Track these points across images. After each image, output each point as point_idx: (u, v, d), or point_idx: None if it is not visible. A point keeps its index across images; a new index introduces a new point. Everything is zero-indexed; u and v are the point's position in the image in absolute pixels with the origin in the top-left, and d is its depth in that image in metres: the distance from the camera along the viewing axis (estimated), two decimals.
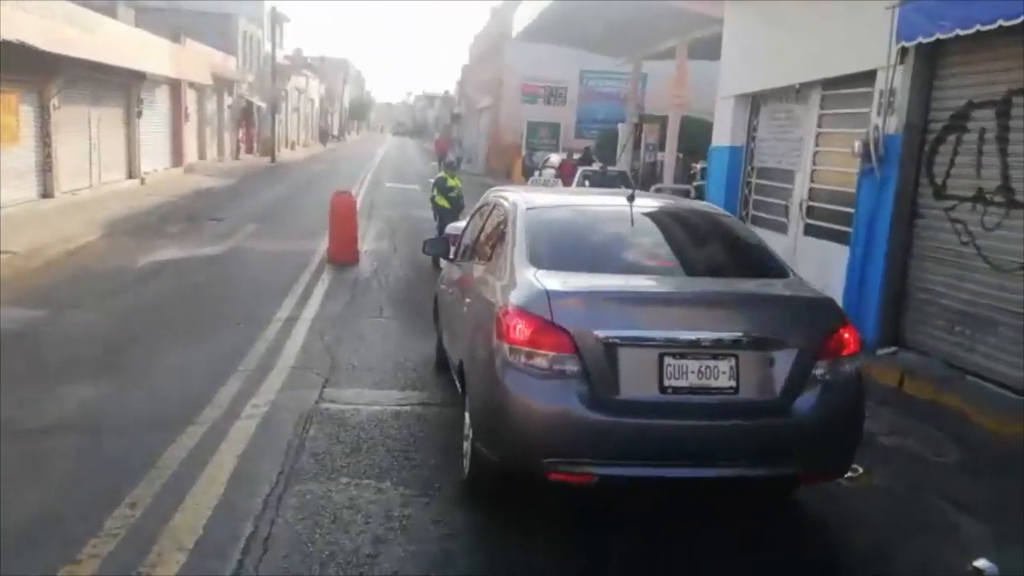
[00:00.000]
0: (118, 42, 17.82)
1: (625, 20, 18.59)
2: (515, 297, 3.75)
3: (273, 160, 33.93)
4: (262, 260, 11.72)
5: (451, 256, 6.25)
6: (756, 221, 9.78)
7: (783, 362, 3.58)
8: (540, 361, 3.52)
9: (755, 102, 9.85)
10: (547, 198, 5.41)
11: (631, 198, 4.51)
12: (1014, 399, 5.69)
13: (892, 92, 6.93)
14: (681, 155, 20.31)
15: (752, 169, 9.92)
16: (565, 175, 18.85)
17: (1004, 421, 5.41)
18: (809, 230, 8.61)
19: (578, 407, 3.46)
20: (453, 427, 4.75)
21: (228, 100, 32.56)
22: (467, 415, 4.16)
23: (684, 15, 16.71)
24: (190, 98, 25.84)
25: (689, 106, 20.03)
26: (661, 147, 21.24)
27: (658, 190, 19.69)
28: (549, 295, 3.62)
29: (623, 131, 23.59)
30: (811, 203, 8.60)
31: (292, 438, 4.76)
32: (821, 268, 7.61)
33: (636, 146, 22.34)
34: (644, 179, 20.58)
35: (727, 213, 5.52)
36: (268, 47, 36.44)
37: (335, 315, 8.43)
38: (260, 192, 21.58)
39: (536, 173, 22.06)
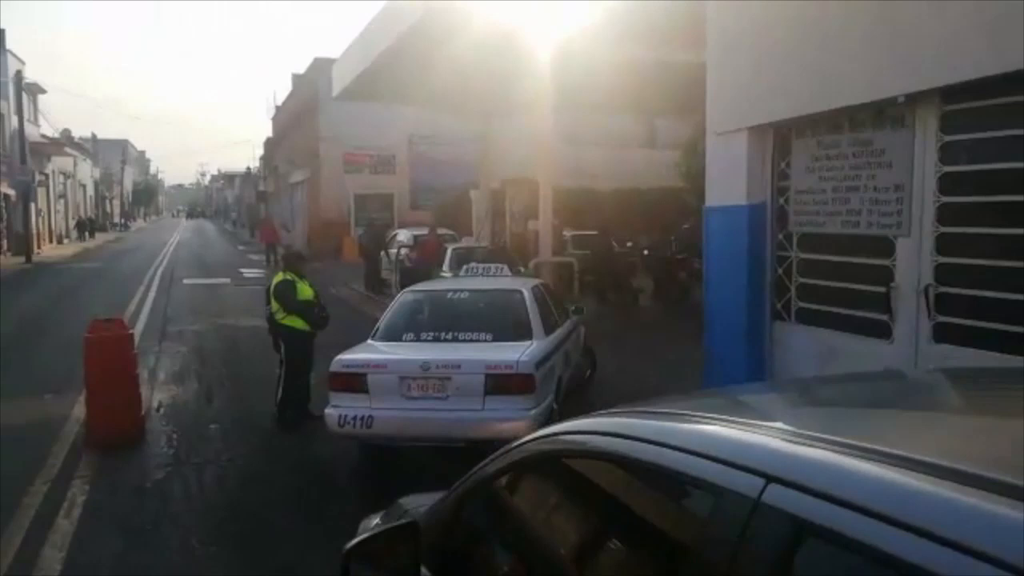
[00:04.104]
0: None
1: (474, 70, 15.28)
2: None
3: (28, 260, 26.80)
4: None
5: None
6: (809, 317, 6.27)
7: None
8: None
9: (782, 136, 6.45)
10: None
11: None
12: None
13: None
14: (557, 222, 17.17)
15: (789, 237, 6.44)
16: (428, 255, 14.75)
17: None
18: (947, 334, 5.17)
19: None
20: None
21: None
22: None
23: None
24: None
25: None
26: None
27: (536, 264, 16.29)
28: None
29: (478, 198, 20.07)
30: (945, 289, 5.17)
31: None
32: None
33: (498, 215, 18.89)
34: (506, 254, 17.08)
35: None
36: (16, 122, 29.35)
37: None
38: None
39: (383, 255, 17.74)
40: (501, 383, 5.50)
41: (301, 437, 7.00)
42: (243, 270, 24.40)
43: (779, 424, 1.58)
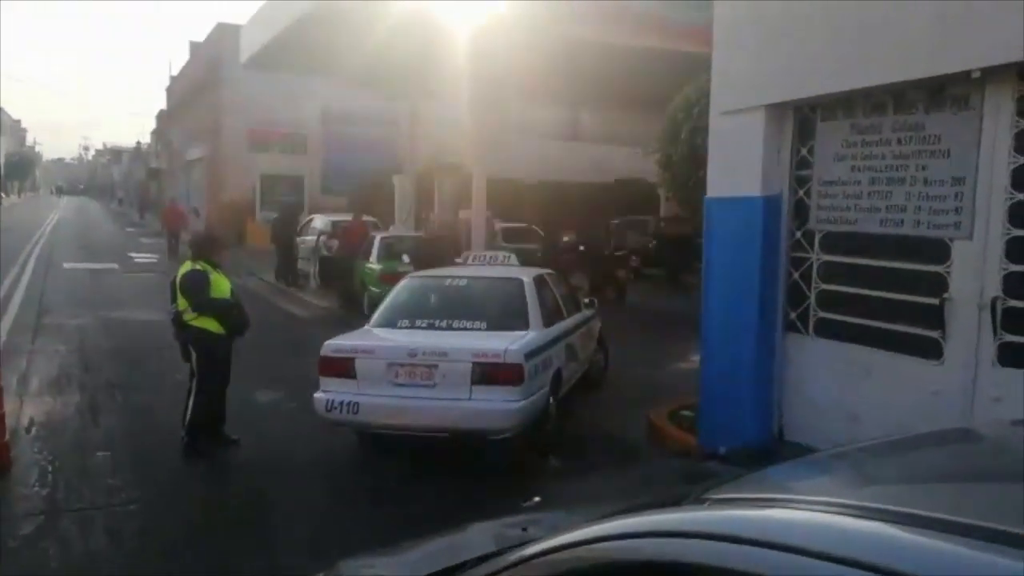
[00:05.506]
0: None
1: (404, 43, 14.02)
2: None
3: None
4: None
5: None
6: (833, 330, 5.44)
7: None
8: None
9: (804, 117, 5.57)
10: None
11: None
12: None
13: None
14: (490, 214, 16.11)
15: (809, 236, 5.58)
16: (352, 244, 13.32)
17: None
18: (1016, 357, 4.40)
19: None
20: None
21: None
22: None
23: (487, 35, 12.62)
24: None
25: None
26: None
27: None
28: None
29: (402, 184, 18.67)
30: (1016, 303, 4.40)
31: None
32: None
33: (424, 203, 17.59)
34: (446, 245, 15.88)
35: None
36: None
37: None
38: None
39: (298, 242, 16.15)
40: (488, 372, 5.37)
41: (217, 469, 5.66)
42: (133, 254, 22.09)
43: None
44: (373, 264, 12.17)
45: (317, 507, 5.08)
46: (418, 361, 5.47)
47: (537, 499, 2.72)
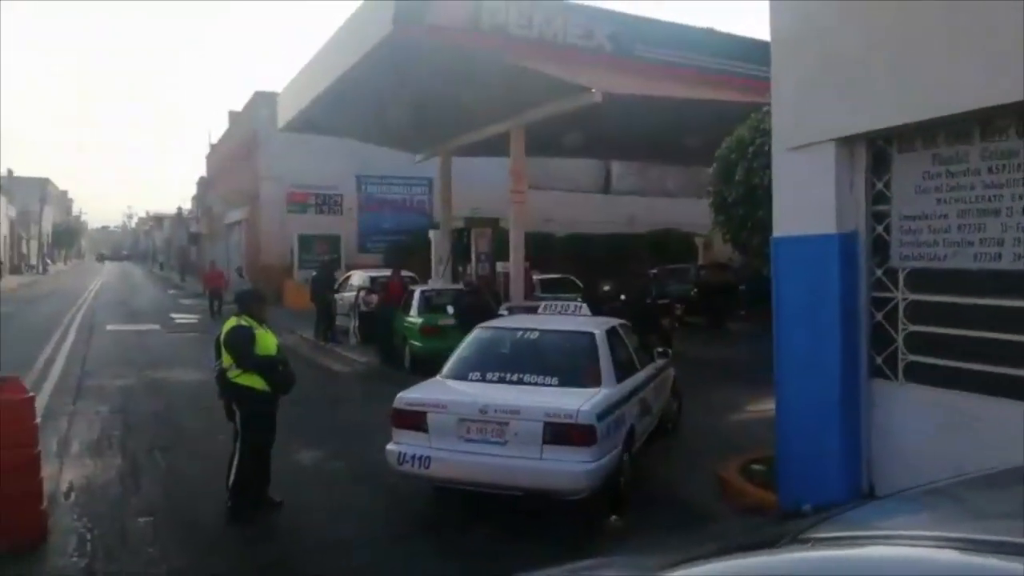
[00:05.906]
0: None
1: (437, 101, 14.01)
2: None
3: None
4: None
5: None
6: (926, 375, 4.99)
7: None
8: None
9: (879, 149, 5.24)
10: None
11: None
12: None
13: None
14: (528, 264, 15.90)
15: (892, 275, 5.19)
16: (392, 298, 13.13)
17: None
18: None
19: None
20: None
21: None
22: None
23: (523, 91, 12.51)
24: None
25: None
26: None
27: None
28: None
29: (437, 239, 18.62)
30: None
31: None
32: None
33: (462, 256, 17.41)
34: (488, 296, 15.59)
35: None
36: None
37: None
38: None
39: (337, 299, 16.04)
40: (560, 432, 5.23)
41: (265, 534, 5.31)
42: (174, 315, 22.19)
43: None
44: (414, 317, 11.94)
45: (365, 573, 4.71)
46: (489, 418, 5.37)
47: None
